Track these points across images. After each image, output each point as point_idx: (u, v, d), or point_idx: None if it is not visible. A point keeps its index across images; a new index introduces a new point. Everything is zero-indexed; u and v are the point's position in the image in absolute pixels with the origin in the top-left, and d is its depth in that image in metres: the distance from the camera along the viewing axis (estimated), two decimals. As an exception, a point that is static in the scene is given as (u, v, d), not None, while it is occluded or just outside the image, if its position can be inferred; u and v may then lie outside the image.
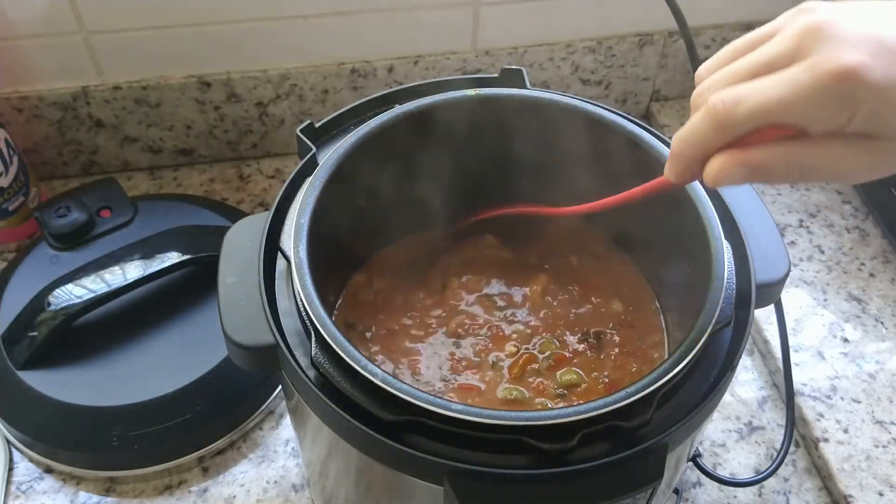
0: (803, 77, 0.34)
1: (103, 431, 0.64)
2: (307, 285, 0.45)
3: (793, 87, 0.35)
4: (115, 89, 0.81)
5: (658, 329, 0.56)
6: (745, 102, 0.36)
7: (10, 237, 0.80)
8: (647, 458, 0.42)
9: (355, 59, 0.83)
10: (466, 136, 0.55)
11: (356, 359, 0.42)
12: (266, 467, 0.67)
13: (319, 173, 0.50)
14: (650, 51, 0.90)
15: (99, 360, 0.67)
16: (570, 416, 0.40)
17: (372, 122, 0.53)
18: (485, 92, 0.55)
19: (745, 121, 0.36)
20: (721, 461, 0.68)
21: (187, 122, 0.85)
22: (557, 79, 0.90)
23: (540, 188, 0.60)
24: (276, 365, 0.47)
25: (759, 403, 0.72)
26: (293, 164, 0.85)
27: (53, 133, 0.83)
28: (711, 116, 0.36)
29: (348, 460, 0.47)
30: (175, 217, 0.75)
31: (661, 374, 0.42)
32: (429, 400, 0.40)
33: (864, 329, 0.75)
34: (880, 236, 0.83)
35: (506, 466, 0.41)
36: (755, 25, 1.01)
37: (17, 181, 0.77)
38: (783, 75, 0.35)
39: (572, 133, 0.54)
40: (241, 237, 0.50)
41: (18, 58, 0.78)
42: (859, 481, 0.65)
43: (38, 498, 0.65)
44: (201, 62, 0.81)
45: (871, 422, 0.68)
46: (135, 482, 0.66)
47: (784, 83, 0.35)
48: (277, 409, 0.70)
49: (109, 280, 0.67)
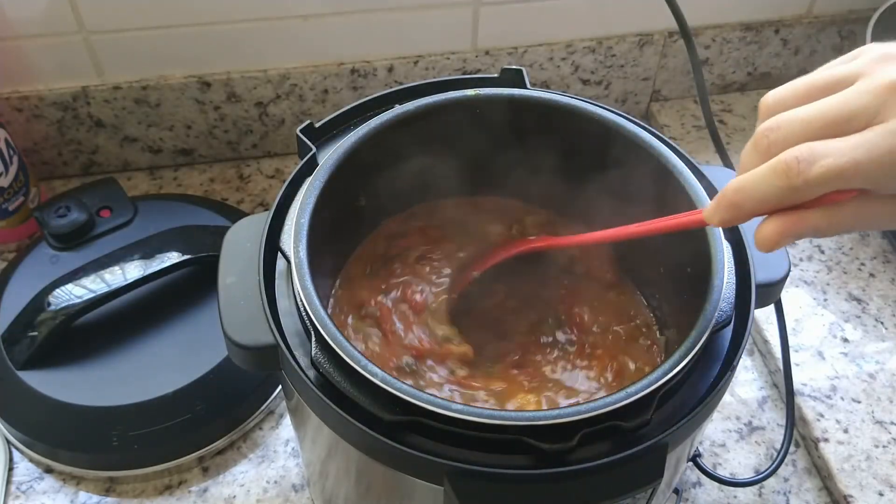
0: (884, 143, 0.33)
1: (103, 431, 0.64)
2: (307, 285, 0.45)
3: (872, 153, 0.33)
4: (115, 89, 0.81)
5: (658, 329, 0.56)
6: (820, 165, 0.34)
7: (10, 237, 0.80)
8: (647, 458, 0.42)
9: (355, 59, 0.83)
10: (466, 136, 0.55)
11: (356, 359, 0.42)
12: (266, 467, 0.67)
13: (319, 173, 0.50)
14: (650, 51, 0.90)
15: (99, 360, 0.67)
16: (570, 416, 0.40)
17: (372, 122, 0.53)
18: (485, 92, 0.55)
19: (818, 185, 0.34)
20: (721, 461, 0.68)
21: (187, 122, 0.85)
22: (557, 79, 0.90)
23: (540, 188, 0.60)
24: (276, 365, 0.47)
25: (759, 403, 0.72)
26: (293, 164, 0.85)
27: (53, 133, 0.83)
28: (784, 175, 0.34)
29: (348, 460, 0.47)
30: (175, 217, 0.75)
31: (661, 374, 0.42)
32: (429, 400, 0.40)
33: (864, 329, 0.75)
34: (880, 236, 0.83)
35: (506, 466, 0.41)
36: (755, 25, 1.02)
37: (17, 181, 0.77)
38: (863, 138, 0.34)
39: (572, 133, 0.54)
40: (241, 237, 0.50)
41: (18, 58, 0.78)
42: (859, 481, 0.65)
43: (38, 498, 0.65)
44: (201, 62, 0.81)
45: (871, 422, 0.68)
46: (135, 482, 0.66)
47: (864, 148, 0.34)
48: (277, 409, 0.70)
49: (109, 280, 0.67)
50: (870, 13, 0.82)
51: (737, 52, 0.92)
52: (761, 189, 0.36)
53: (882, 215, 0.36)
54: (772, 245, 0.36)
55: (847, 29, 0.93)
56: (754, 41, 0.92)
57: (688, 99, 0.96)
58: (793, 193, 0.35)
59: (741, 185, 0.36)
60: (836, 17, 0.92)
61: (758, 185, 0.36)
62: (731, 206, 0.37)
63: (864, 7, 0.91)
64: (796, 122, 0.36)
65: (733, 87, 0.97)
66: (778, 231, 0.36)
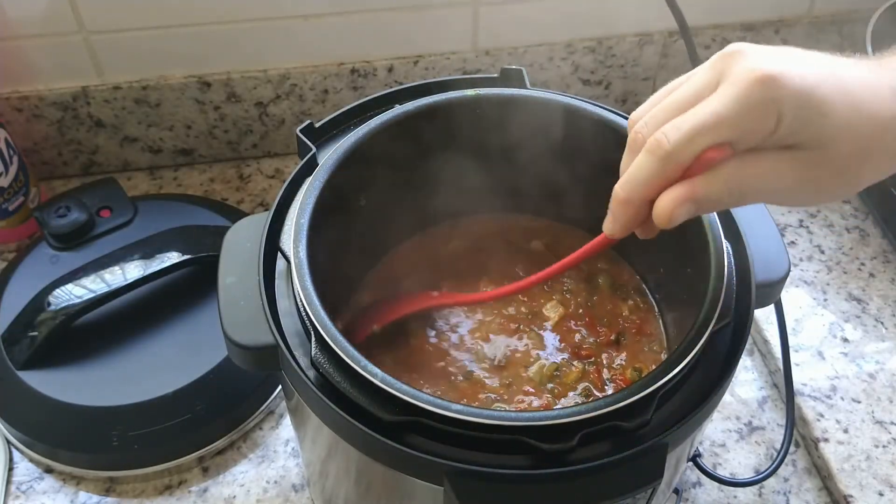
0: (729, 91, 0.37)
1: (103, 431, 0.64)
2: (307, 285, 0.45)
3: (721, 101, 0.37)
4: (115, 89, 0.81)
5: (658, 329, 0.56)
6: (681, 129, 0.37)
7: (10, 237, 0.80)
8: (647, 458, 0.42)
9: (355, 59, 0.83)
10: (466, 136, 0.55)
11: (356, 359, 0.42)
12: (266, 467, 0.67)
13: (319, 173, 0.50)
14: (650, 51, 0.90)
15: (99, 360, 0.67)
16: (570, 417, 0.40)
17: (372, 122, 0.53)
18: (485, 92, 0.55)
19: (685, 146, 0.37)
20: (721, 461, 0.68)
21: (187, 122, 0.85)
22: (557, 79, 0.90)
23: (540, 188, 0.60)
24: (276, 365, 0.47)
25: (759, 403, 0.72)
26: (293, 164, 0.85)
27: (53, 133, 0.83)
28: (654, 152, 0.37)
29: (348, 460, 0.47)
30: (175, 217, 0.75)
31: (661, 374, 0.42)
32: (429, 400, 0.40)
33: (864, 329, 0.75)
34: (880, 236, 0.83)
35: (506, 466, 0.41)
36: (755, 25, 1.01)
37: (17, 181, 0.77)
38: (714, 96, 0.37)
39: (573, 133, 0.54)
40: (241, 237, 0.50)
41: (18, 58, 0.78)
42: (859, 481, 0.65)
43: (38, 498, 0.65)
44: (201, 62, 0.81)
45: (871, 422, 0.68)
46: (135, 482, 0.66)
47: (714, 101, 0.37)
48: (277, 409, 0.70)
49: (109, 280, 0.67)
50: (870, 13, 0.82)
51: (737, 52, 0.92)
52: (641, 173, 0.38)
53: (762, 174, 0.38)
54: (668, 215, 0.38)
55: (847, 29, 0.93)
56: (754, 41, 0.92)
57: (688, 99, 0.96)
58: (668, 162, 0.37)
59: (625, 180, 0.39)
60: (836, 16, 0.92)
61: (638, 170, 0.38)
62: (623, 203, 0.39)
63: (864, 7, 0.91)
64: (658, 113, 0.39)
65: (733, 87, 0.97)
66: (670, 200, 0.38)
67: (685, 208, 0.38)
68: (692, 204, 0.38)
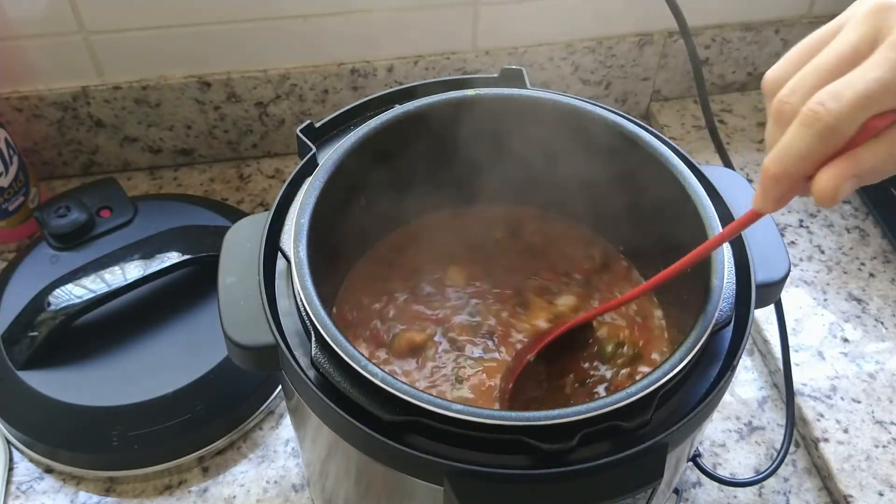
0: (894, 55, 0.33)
1: (103, 431, 0.64)
2: (307, 285, 0.45)
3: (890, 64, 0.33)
4: (115, 89, 0.81)
5: (658, 329, 0.56)
6: (845, 98, 0.33)
7: (10, 237, 0.80)
8: (647, 458, 0.42)
9: (355, 59, 0.83)
10: (466, 136, 0.55)
11: (356, 359, 0.42)
12: (266, 467, 0.67)
13: (319, 173, 0.50)
14: (650, 51, 0.90)
15: (99, 360, 0.67)
16: (570, 416, 0.40)
17: (372, 122, 0.53)
18: (485, 92, 0.55)
19: (850, 117, 0.33)
20: (721, 461, 0.68)
21: (187, 122, 0.85)
22: (557, 79, 0.90)
23: (540, 188, 0.60)
24: (276, 365, 0.47)
25: (759, 403, 0.72)
26: (293, 164, 0.85)
27: (53, 133, 0.83)
28: (811, 125, 0.33)
29: (348, 460, 0.47)
30: (175, 217, 0.75)
31: (661, 374, 0.42)
32: (429, 400, 0.40)
33: (864, 329, 0.75)
34: (880, 236, 0.83)
35: (506, 466, 0.41)
36: (755, 25, 1.02)
37: (17, 181, 0.77)
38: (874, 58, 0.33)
39: (572, 133, 0.54)
40: (241, 237, 0.50)
41: (18, 58, 0.78)
42: (859, 481, 0.65)
43: (38, 498, 0.65)
44: (201, 62, 0.81)
45: (871, 422, 0.68)
46: (135, 482, 0.66)
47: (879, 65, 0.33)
48: (277, 409, 0.70)
49: (109, 280, 0.67)
50: (870, 13, 0.82)
51: (737, 52, 0.92)
52: (798, 146, 0.34)
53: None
54: (833, 194, 0.34)
55: (847, 29, 0.93)
56: (754, 41, 0.92)
57: (688, 99, 0.96)
58: (830, 135, 0.33)
59: (777, 154, 0.35)
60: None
61: (793, 144, 0.34)
62: (776, 178, 0.35)
63: (864, 7, 0.91)
64: (807, 78, 0.35)
65: (733, 87, 0.97)
66: (834, 176, 0.34)
67: (850, 183, 0.34)
68: (856, 178, 0.34)
